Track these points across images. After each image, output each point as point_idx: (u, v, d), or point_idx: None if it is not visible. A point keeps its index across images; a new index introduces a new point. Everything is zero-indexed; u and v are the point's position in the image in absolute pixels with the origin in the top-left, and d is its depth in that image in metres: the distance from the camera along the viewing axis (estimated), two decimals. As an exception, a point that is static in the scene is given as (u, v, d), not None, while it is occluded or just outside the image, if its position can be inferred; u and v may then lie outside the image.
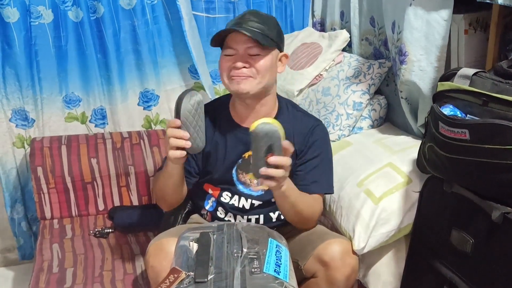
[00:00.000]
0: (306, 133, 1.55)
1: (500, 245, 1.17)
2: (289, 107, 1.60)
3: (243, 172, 1.56)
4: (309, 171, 1.54)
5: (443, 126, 1.22)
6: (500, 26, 1.44)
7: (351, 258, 1.44)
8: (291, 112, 1.59)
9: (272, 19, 1.51)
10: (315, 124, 1.58)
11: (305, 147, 1.55)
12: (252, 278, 1.12)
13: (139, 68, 2.18)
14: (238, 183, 1.57)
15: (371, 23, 1.95)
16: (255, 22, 1.45)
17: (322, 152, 1.56)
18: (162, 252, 1.37)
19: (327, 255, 1.41)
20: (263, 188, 1.51)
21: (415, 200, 1.47)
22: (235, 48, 1.44)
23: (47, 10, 2.00)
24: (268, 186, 1.31)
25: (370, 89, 1.88)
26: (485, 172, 1.17)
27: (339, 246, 1.43)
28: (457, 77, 1.27)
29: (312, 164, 1.54)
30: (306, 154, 1.55)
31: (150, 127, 2.26)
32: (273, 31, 1.47)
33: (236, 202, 1.58)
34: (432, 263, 1.38)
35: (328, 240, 1.44)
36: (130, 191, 2.01)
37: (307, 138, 1.55)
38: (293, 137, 1.52)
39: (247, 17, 1.47)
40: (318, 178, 1.55)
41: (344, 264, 1.41)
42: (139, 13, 2.10)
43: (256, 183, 1.55)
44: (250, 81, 1.45)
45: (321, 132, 1.58)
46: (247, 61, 1.44)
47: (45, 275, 1.63)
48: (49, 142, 2.00)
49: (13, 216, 2.16)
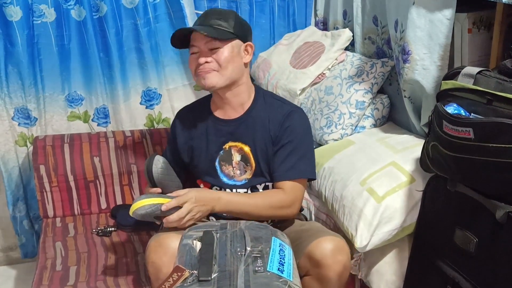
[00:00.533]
0: (281, 120, 1.59)
1: (504, 244, 1.16)
2: (266, 96, 1.66)
3: (225, 164, 1.63)
4: (285, 158, 1.57)
5: (447, 125, 1.21)
6: (504, 25, 1.44)
7: (342, 256, 1.41)
8: (268, 101, 1.64)
9: (231, 13, 1.59)
10: (291, 110, 1.61)
11: (279, 132, 1.58)
12: (255, 276, 1.12)
13: (142, 67, 2.18)
14: (222, 175, 1.64)
15: (374, 22, 1.95)
16: (213, 19, 1.55)
17: (297, 137, 1.58)
18: (162, 247, 1.38)
19: (318, 253, 1.40)
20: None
21: (418, 199, 1.47)
22: (197, 45, 1.54)
23: (49, 9, 2.00)
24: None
25: (372, 88, 1.87)
26: (489, 171, 1.16)
27: (330, 243, 1.41)
28: (461, 75, 1.27)
29: (286, 149, 1.57)
30: (281, 140, 1.58)
31: (152, 125, 2.26)
32: (231, 23, 1.55)
33: None
34: (436, 262, 1.38)
35: (319, 238, 1.43)
36: (132, 190, 2.01)
37: (282, 124, 1.59)
38: (268, 124, 1.59)
39: (206, 15, 1.58)
40: (293, 165, 1.57)
41: (335, 261, 1.40)
42: (142, 12, 2.10)
43: (239, 173, 1.63)
44: (214, 74, 1.54)
45: (297, 117, 1.61)
46: (209, 55, 1.53)
47: (49, 273, 1.63)
48: (51, 140, 2.00)
49: (15, 215, 2.17)
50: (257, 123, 1.60)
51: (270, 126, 1.59)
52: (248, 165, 1.62)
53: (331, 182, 1.69)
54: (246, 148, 1.61)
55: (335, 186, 1.66)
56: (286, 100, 1.71)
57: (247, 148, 1.61)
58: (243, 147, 1.62)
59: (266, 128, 1.59)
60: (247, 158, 1.61)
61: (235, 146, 1.62)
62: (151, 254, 1.40)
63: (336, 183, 1.67)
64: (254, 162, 1.61)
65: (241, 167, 1.62)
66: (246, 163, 1.62)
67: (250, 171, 1.62)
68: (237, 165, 1.63)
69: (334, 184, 1.67)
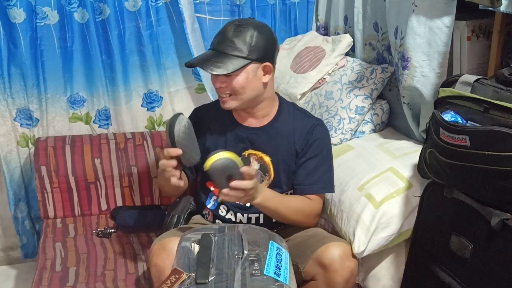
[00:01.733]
0: (306, 133, 1.59)
1: (499, 251, 1.17)
2: (290, 108, 1.64)
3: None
4: (310, 172, 1.58)
5: (444, 132, 1.22)
6: (502, 34, 1.45)
7: (350, 261, 1.45)
8: (292, 113, 1.63)
9: (248, 30, 1.47)
10: (316, 124, 1.61)
11: (305, 146, 1.58)
12: (252, 280, 1.14)
13: (143, 70, 2.19)
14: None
15: (375, 28, 1.96)
16: (228, 42, 1.47)
17: (322, 151, 1.59)
18: (165, 251, 1.39)
19: (327, 258, 1.42)
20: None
21: (416, 205, 1.48)
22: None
23: (52, 11, 2.01)
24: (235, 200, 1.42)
25: (372, 94, 1.89)
26: (485, 178, 1.17)
27: (339, 249, 1.44)
28: (458, 83, 1.28)
29: (311, 164, 1.58)
30: (306, 154, 1.58)
31: (153, 128, 2.27)
32: (247, 46, 1.46)
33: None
34: (432, 267, 1.39)
35: (328, 243, 1.46)
36: (133, 192, 2.02)
37: (307, 137, 1.58)
38: (293, 136, 1.58)
39: (223, 34, 1.49)
40: (318, 178, 1.58)
41: (343, 267, 1.43)
42: (144, 15, 2.12)
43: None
44: (231, 98, 1.51)
45: (321, 131, 1.61)
46: (224, 80, 1.49)
47: (48, 274, 1.65)
48: (53, 142, 2.01)
49: (17, 215, 2.18)
50: (280, 134, 1.59)
51: (295, 139, 1.58)
52: (267, 175, 1.61)
53: (330, 187, 1.70)
54: (267, 158, 1.60)
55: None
56: (308, 112, 1.70)
57: (268, 159, 1.60)
58: (264, 157, 1.60)
59: (290, 140, 1.58)
60: (266, 168, 1.61)
61: (255, 155, 1.61)
62: (154, 256, 1.42)
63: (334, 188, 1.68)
64: (273, 173, 1.60)
65: (258, 176, 1.60)
66: (264, 172, 1.61)
67: (268, 181, 1.61)
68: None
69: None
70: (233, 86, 1.49)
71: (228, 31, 1.49)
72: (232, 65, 1.45)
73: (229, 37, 1.48)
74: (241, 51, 1.46)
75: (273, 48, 1.54)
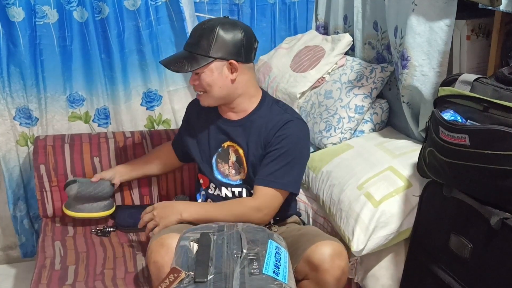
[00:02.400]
0: (278, 127, 1.59)
1: (498, 250, 1.17)
2: (271, 103, 1.67)
3: (222, 162, 1.67)
4: (267, 164, 1.58)
5: (443, 131, 1.22)
6: (502, 33, 1.45)
7: (340, 260, 1.42)
8: (271, 108, 1.65)
9: (211, 31, 1.53)
10: (289, 119, 1.60)
11: (272, 139, 1.58)
12: (251, 279, 1.13)
13: (143, 69, 2.19)
14: (217, 172, 1.68)
15: (374, 28, 1.96)
16: (193, 42, 1.57)
17: (286, 145, 1.57)
18: (163, 247, 1.39)
19: (316, 257, 1.40)
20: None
21: (415, 204, 1.48)
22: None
23: (52, 10, 2.01)
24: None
25: (372, 93, 1.88)
26: (485, 178, 1.17)
27: (329, 248, 1.41)
28: (458, 82, 1.28)
29: (272, 156, 1.58)
30: (270, 146, 1.59)
31: (152, 127, 2.27)
32: (210, 44, 1.52)
33: (219, 192, 1.68)
34: (431, 267, 1.39)
35: (318, 243, 1.43)
36: (131, 191, 2.02)
37: (278, 132, 1.58)
38: (265, 129, 1.60)
39: (191, 35, 1.60)
40: (273, 171, 1.57)
41: (333, 266, 1.40)
42: (143, 14, 2.12)
43: (234, 172, 1.66)
44: (204, 96, 1.61)
45: (293, 126, 1.59)
46: (195, 78, 1.59)
47: (47, 272, 1.64)
48: (52, 140, 2.01)
49: (16, 214, 2.18)
50: (253, 127, 1.62)
51: (265, 132, 1.60)
52: (241, 167, 1.65)
53: (329, 186, 1.70)
54: (241, 151, 1.64)
55: (333, 190, 1.67)
56: (290, 109, 1.69)
57: (241, 151, 1.64)
58: (238, 149, 1.65)
59: (261, 133, 1.60)
60: (241, 160, 1.64)
61: (233, 146, 1.66)
62: (152, 253, 1.42)
63: (333, 187, 1.68)
64: (246, 165, 1.64)
65: (236, 167, 1.66)
66: (240, 165, 1.65)
67: (243, 173, 1.65)
68: (233, 164, 1.66)
69: (332, 188, 1.68)
70: (201, 83, 1.57)
71: (196, 31, 1.58)
72: (194, 64, 1.54)
73: (196, 36, 1.56)
74: (204, 50, 1.53)
75: (240, 45, 1.55)
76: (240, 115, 1.65)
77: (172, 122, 2.30)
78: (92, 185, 1.83)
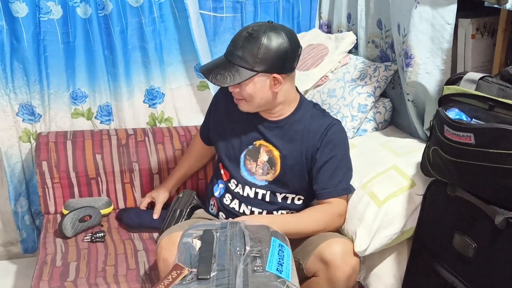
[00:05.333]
0: (321, 132, 1.57)
1: (502, 250, 1.17)
2: (309, 107, 1.64)
3: (251, 159, 1.63)
4: (330, 176, 1.56)
5: (448, 130, 1.22)
6: (507, 32, 1.45)
7: (352, 258, 1.45)
8: (309, 112, 1.62)
9: (257, 41, 1.46)
10: (331, 123, 1.60)
11: (320, 145, 1.57)
12: (254, 276, 1.13)
13: (145, 66, 2.19)
14: (243, 169, 1.64)
15: (378, 26, 1.95)
16: (237, 53, 1.48)
17: (339, 152, 1.58)
18: (174, 245, 1.38)
19: (329, 254, 1.42)
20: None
21: (419, 204, 1.48)
22: None
23: (56, 6, 2.01)
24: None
25: (375, 92, 1.88)
26: (489, 177, 1.17)
27: (341, 245, 1.44)
28: (463, 81, 1.28)
29: (331, 167, 1.57)
30: (323, 155, 1.57)
31: (155, 124, 2.27)
32: (254, 57, 1.46)
33: (241, 191, 1.64)
34: (434, 266, 1.38)
35: (330, 240, 1.45)
36: (134, 188, 2.02)
37: (322, 137, 1.57)
38: (306, 135, 1.58)
39: (234, 43, 1.50)
40: (339, 180, 1.57)
41: (345, 263, 1.42)
42: (147, 11, 2.11)
43: (261, 172, 1.63)
44: (243, 103, 1.56)
45: (337, 130, 1.60)
46: (236, 86, 1.53)
47: (49, 268, 1.64)
48: (54, 137, 2.01)
49: (17, 210, 2.18)
50: (291, 131, 1.60)
51: (307, 137, 1.58)
52: (273, 169, 1.61)
53: (332, 185, 1.69)
54: (276, 152, 1.61)
55: (336, 189, 1.67)
56: (326, 112, 1.69)
57: (277, 153, 1.61)
58: (273, 150, 1.61)
59: (303, 138, 1.58)
60: (274, 161, 1.61)
61: (265, 146, 1.62)
62: (162, 250, 1.42)
63: (337, 186, 1.67)
64: (279, 168, 1.61)
65: (265, 168, 1.62)
66: (271, 166, 1.62)
67: (273, 174, 1.61)
68: (261, 164, 1.63)
69: (335, 186, 1.68)
70: (243, 94, 1.53)
71: (239, 41, 1.49)
72: (237, 77, 1.48)
73: (238, 47, 1.49)
74: (248, 63, 1.47)
75: (284, 58, 1.49)
76: (277, 117, 1.61)
77: (174, 120, 2.29)
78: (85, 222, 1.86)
